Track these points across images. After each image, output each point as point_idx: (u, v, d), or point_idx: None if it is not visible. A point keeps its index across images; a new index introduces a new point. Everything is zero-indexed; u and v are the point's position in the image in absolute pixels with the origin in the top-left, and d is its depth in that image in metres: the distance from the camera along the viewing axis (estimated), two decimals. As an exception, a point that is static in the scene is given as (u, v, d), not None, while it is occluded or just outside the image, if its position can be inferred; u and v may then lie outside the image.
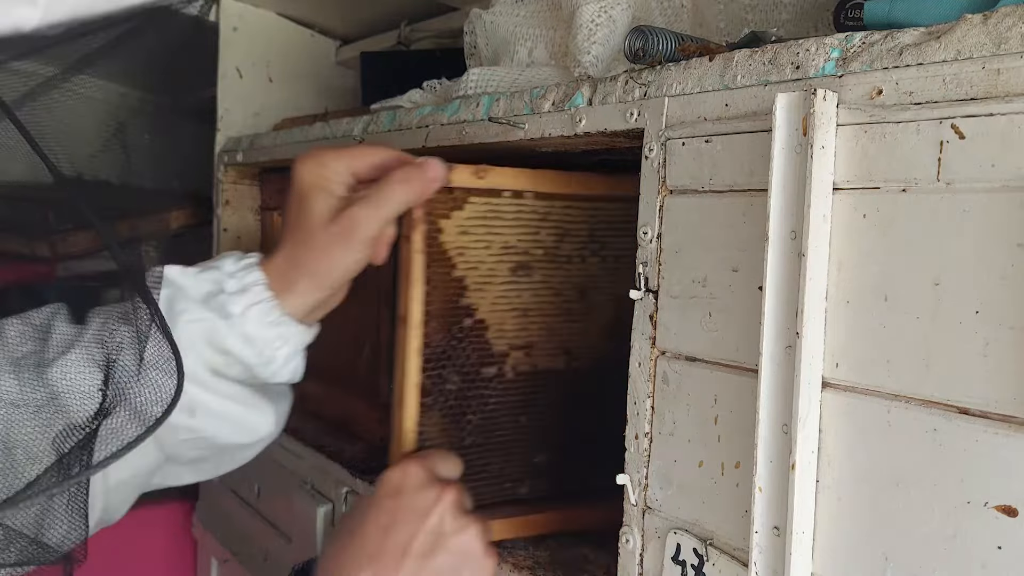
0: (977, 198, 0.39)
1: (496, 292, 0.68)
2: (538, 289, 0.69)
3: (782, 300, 0.45)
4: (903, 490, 0.42)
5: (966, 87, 0.39)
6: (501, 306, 0.68)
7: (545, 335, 0.70)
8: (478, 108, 0.70)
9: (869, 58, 0.43)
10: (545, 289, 0.70)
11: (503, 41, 0.82)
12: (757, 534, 0.46)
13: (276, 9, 1.27)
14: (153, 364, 0.57)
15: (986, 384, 0.39)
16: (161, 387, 0.57)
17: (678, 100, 0.54)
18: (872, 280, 0.43)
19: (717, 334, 0.51)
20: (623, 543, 0.56)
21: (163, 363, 0.57)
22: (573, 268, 0.70)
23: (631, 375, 0.56)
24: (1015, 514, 0.38)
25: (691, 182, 0.52)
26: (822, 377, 0.45)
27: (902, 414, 0.42)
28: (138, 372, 0.57)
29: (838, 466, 0.44)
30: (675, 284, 0.53)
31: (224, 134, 1.22)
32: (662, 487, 0.54)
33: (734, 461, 0.49)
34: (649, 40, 0.56)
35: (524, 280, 0.69)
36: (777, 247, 0.45)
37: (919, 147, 0.41)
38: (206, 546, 1.26)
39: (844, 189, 0.44)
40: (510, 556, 0.68)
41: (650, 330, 0.55)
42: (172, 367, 0.57)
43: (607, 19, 0.70)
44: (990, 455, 0.38)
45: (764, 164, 0.46)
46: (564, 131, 0.62)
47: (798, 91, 0.45)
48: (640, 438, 0.55)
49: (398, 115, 0.81)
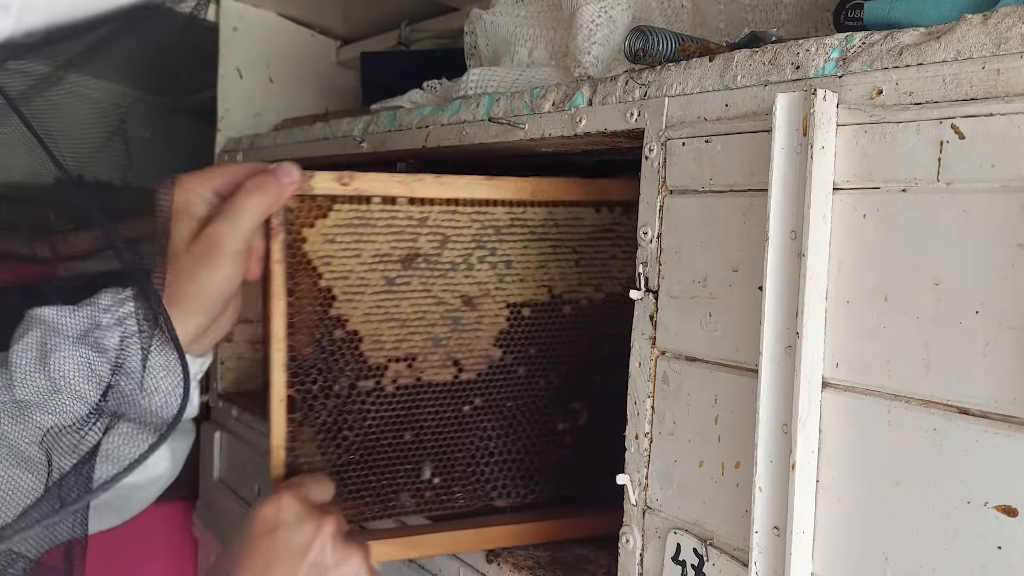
0: (977, 198, 0.39)
1: (370, 302, 0.64)
2: (418, 298, 0.66)
3: (782, 300, 0.45)
4: (903, 490, 0.42)
5: (966, 87, 0.39)
6: (376, 316, 0.65)
7: (429, 346, 0.67)
8: (478, 108, 0.70)
9: (869, 58, 0.43)
10: (427, 298, 0.66)
11: (503, 41, 0.82)
12: (757, 534, 0.46)
13: (276, 9, 1.27)
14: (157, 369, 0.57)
15: (986, 384, 0.39)
16: (167, 393, 0.56)
17: (678, 100, 0.54)
18: (872, 280, 0.43)
19: (717, 334, 0.51)
20: (623, 543, 0.56)
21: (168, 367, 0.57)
22: (459, 275, 0.67)
23: (631, 375, 0.56)
24: (1015, 514, 0.38)
25: (691, 182, 0.52)
26: (822, 377, 0.45)
27: (902, 414, 0.42)
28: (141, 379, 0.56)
29: (838, 466, 0.44)
30: (675, 284, 0.53)
31: (224, 134, 1.22)
32: (662, 487, 0.54)
33: (734, 461, 0.49)
34: (649, 40, 0.56)
35: (401, 289, 0.65)
36: (777, 247, 0.45)
37: (919, 147, 0.41)
38: (206, 545, 1.26)
39: (844, 189, 0.44)
40: (510, 556, 0.68)
41: (650, 330, 0.55)
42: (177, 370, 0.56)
43: (607, 19, 0.70)
44: (990, 455, 0.38)
45: (764, 164, 0.46)
46: (564, 131, 0.62)
47: (798, 91, 0.45)
48: (640, 438, 0.55)
49: (398, 115, 0.81)
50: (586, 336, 0.71)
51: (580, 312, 0.71)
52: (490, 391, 0.69)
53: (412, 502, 0.68)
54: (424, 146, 0.76)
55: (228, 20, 1.23)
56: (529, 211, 0.69)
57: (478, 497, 0.69)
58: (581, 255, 0.70)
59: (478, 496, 0.69)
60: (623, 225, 0.71)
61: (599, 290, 0.71)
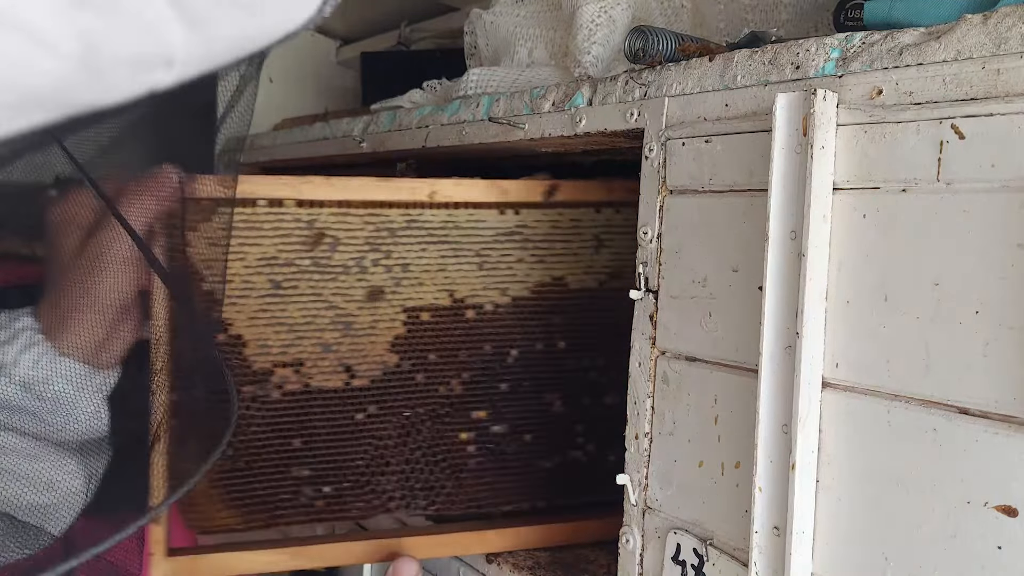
0: (977, 198, 0.39)
1: (255, 306, 0.63)
2: (307, 302, 0.64)
3: (782, 300, 0.45)
4: (903, 490, 0.42)
5: (966, 87, 0.39)
6: (262, 321, 0.63)
7: (319, 351, 0.65)
8: (478, 108, 0.70)
9: (869, 58, 0.43)
10: (316, 302, 0.64)
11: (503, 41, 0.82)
12: (757, 534, 0.46)
13: (276, 9, 1.27)
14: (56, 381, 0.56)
15: (986, 384, 0.39)
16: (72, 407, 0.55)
17: (678, 100, 0.54)
18: (872, 280, 0.43)
19: (717, 334, 0.51)
20: (623, 543, 0.56)
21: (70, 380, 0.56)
22: (351, 279, 0.65)
23: (631, 375, 0.56)
24: (1015, 514, 0.38)
25: (691, 182, 0.52)
26: (822, 377, 0.45)
27: (902, 414, 0.42)
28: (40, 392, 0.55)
29: (838, 466, 0.44)
30: (675, 284, 0.53)
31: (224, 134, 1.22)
32: (662, 487, 0.54)
33: (734, 461, 0.49)
34: (649, 40, 0.56)
35: (289, 293, 0.64)
36: (777, 247, 0.45)
37: (919, 147, 0.41)
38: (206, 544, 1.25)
39: (844, 189, 0.44)
40: (510, 556, 0.68)
41: (650, 330, 0.55)
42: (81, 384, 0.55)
43: (607, 19, 0.70)
44: (990, 455, 0.38)
45: (764, 164, 0.46)
46: (564, 131, 0.62)
47: (798, 91, 0.45)
48: (640, 438, 0.55)
49: (398, 115, 0.81)
50: (491, 342, 0.70)
51: (484, 317, 0.69)
52: (385, 399, 0.67)
53: (302, 511, 0.66)
54: (424, 146, 0.76)
55: (228, 20, 1.22)
56: (427, 213, 0.67)
57: (373, 507, 0.67)
58: (485, 258, 0.68)
59: (373, 506, 0.67)
60: (529, 227, 0.69)
61: (505, 294, 0.69)
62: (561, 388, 0.70)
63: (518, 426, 0.69)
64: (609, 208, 0.71)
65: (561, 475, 0.70)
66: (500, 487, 0.69)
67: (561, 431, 0.70)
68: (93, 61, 0.25)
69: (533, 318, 0.70)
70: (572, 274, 0.70)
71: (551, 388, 0.70)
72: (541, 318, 0.70)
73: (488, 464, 0.69)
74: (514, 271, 0.69)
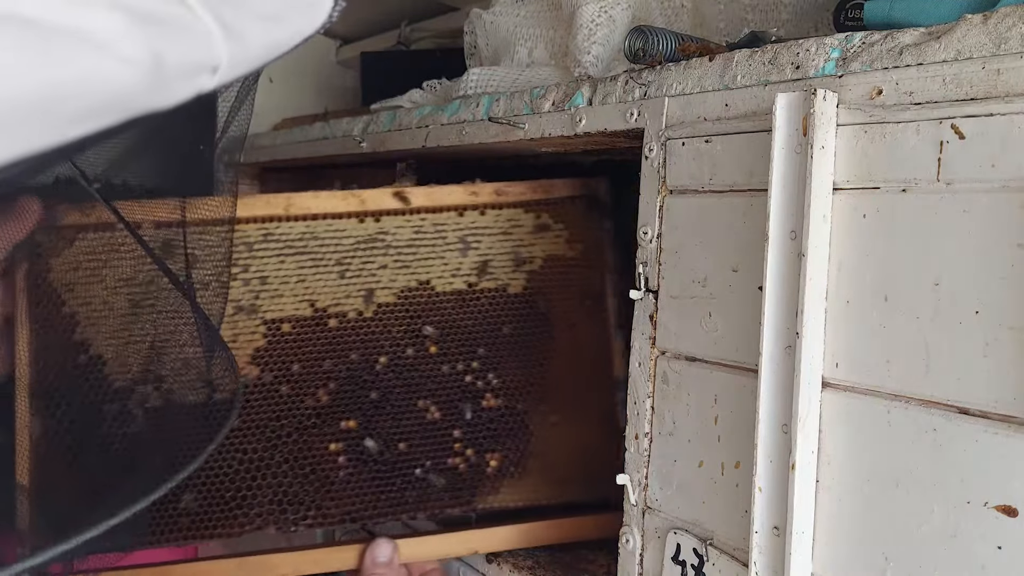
0: (977, 198, 0.39)
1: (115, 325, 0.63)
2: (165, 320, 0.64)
3: (782, 300, 0.45)
4: (903, 490, 0.42)
5: (966, 87, 0.39)
6: (121, 339, 0.63)
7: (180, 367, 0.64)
8: (478, 108, 0.70)
9: (869, 58, 0.43)
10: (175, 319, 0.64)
11: (503, 41, 0.82)
12: (757, 534, 0.46)
13: (276, 9, 1.27)
14: None
15: (986, 384, 0.39)
16: None
17: (678, 100, 0.54)
18: (872, 280, 0.43)
19: (717, 334, 0.51)
20: (623, 543, 0.56)
21: None
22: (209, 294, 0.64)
23: (631, 375, 0.56)
24: (1015, 514, 0.38)
25: (691, 182, 0.52)
26: (822, 377, 0.45)
27: (902, 414, 0.42)
28: None
29: (838, 466, 0.44)
30: (675, 284, 0.53)
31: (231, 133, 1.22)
32: (662, 487, 0.54)
33: (734, 461, 0.49)
34: (649, 40, 0.56)
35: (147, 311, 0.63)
36: (777, 247, 0.45)
37: (919, 147, 0.41)
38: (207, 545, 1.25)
39: (844, 189, 0.44)
40: (510, 556, 0.68)
41: (650, 330, 0.55)
42: None
43: (607, 19, 0.70)
44: (990, 455, 0.38)
45: (764, 164, 0.46)
46: (564, 131, 0.62)
47: (798, 91, 0.45)
48: (640, 438, 0.55)
49: (398, 115, 0.81)
50: (357, 350, 0.68)
51: (348, 325, 0.68)
52: (249, 412, 0.66)
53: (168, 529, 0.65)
54: (424, 146, 0.76)
55: (228, 20, 1.22)
56: (284, 226, 0.67)
57: (242, 524, 0.66)
58: (346, 267, 0.68)
59: (242, 523, 0.66)
60: (390, 234, 0.69)
61: (369, 301, 0.69)
62: (436, 394, 0.69)
63: (392, 435, 0.68)
64: (473, 211, 0.70)
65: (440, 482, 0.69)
66: (375, 497, 0.68)
67: (438, 438, 0.69)
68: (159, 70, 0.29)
69: (400, 324, 0.69)
70: (439, 277, 0.70)
71: (425, 395, 0.69)
72: (408, 323, 0.69)
73: (362, 475, 0.68)
74: (377, 277, 0.69)
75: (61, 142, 0.28)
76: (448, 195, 0.71)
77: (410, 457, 0.68)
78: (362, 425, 0.68)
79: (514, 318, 0.71)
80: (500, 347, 0.70)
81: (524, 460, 0.70)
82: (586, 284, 0.72)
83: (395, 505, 0.68)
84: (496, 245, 0.71)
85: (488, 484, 0.69)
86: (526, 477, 0.70)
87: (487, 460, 0.69)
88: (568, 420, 0.71)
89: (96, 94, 0.27)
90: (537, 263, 0.71)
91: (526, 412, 0.70)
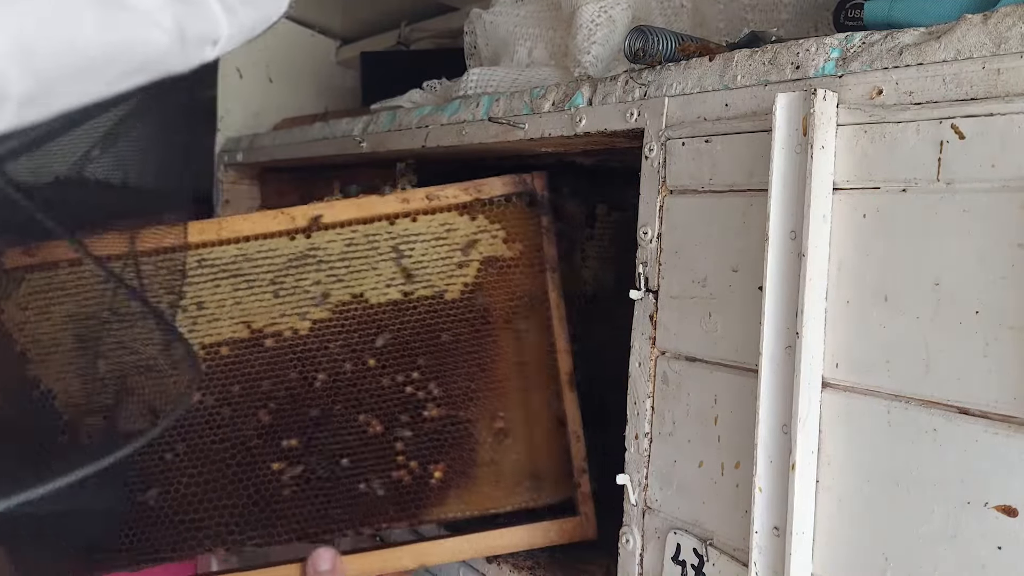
0: (977, 198, 0.39)
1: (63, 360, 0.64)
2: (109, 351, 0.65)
3: (782, 300, 0.45)
4: (903, 490, 0.42)
5: (966, 87, 0.39)
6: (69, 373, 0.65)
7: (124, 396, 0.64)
8: (478, 108, 0.70)
9: (869, 58, 0.43)
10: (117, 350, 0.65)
11: (503, 41, 0.82)
12: (757, 534, 0.46)
13: (276, 9, 1.27)
14: None
15: (986, 384, 0.39)
16: None
17: (678, 100, 0.54)
18: (872, 280, 0.43)
19: (717, 334, 0.51)
20: (623, 543, 0.56)
21: None
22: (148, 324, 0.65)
23: (631, 375, 0.56)
24: (1015, 514, 0.38)
25: (691, 182, 0.52)
26: (822, 377, 0.45)
27: (902, 414, 0.42)
28: None
29: (838, 466, 0.44)
30: (675, 284, 0.53)
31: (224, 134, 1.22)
32: (662, 487, 0.54)
33: (734, 461, 0.49)
34: (649, 40, 0.56)
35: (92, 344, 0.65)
36: (777, 247, 0.45)
37: (919, 147, 0.41)
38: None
39: (844, 189, 0.44)
40: (510, 556, 0.68)
41: (650, 330, 0.55)
42: None
43: (607, 19, 0.70)
44: (990, 455, 0.38)
45: (764, 164, 0.46)
46: (564, 131, 0.62)
47: (798, 91, 0.45)
48: (640, 438, 0.55)
49: (398, 115, 0.81)
50: (295, 368, 0.68)
51: (284, 344, 0.68)
52: (192, 435, 0.67)
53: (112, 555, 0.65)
54: (424, 146, 0.76)
55: (228, 20, 1.22)
56: (217, 250, 0.68)
57: (189, 546, 0.66)
58: (279, 285, 0.68)
59: (189, 545, 0.66)
60: (322, 249, 0.69)
61: (304, 318, 0.69)
62: (376, 408, 0.69)
63: (334, 451, 0.68)
64: (405, 218, 0.70)
65: (385, 495, 0.69)
66: (321, 514, 0.68)
67: (381, 452, 0.68)
68: (183, 38, 0.35)
69: (336, 339, 0.69)
70: (373, 289, 0.69)
71: (365, 409, 0.68)
72: (345, 338, 0.69)
73: (306, 492, 0.68)
74: (311, 294, 0.69)
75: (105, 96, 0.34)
76: (378, 204, 0.70)
77: (353, 472, 0.68)
78: (304, 443, 0.68)
79: (453, 324, 0.70)
80: (440, 355, 0.69)
81: (471, 469, 0.69)
82: (527, 284, 0.71)
83: (340, 521, 0.68)
84: (431, 251, 0.70)
85: (434, 495, 0.68)
86: (474, 486, 0.69)
87: (431, 472, 0.69)
88: (515, 425, 0.70)
89: (139, 56, 0.33)
90: (474, 266, 0.70)
91: (470, 420, 0.69)
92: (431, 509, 0.68)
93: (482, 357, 0.70)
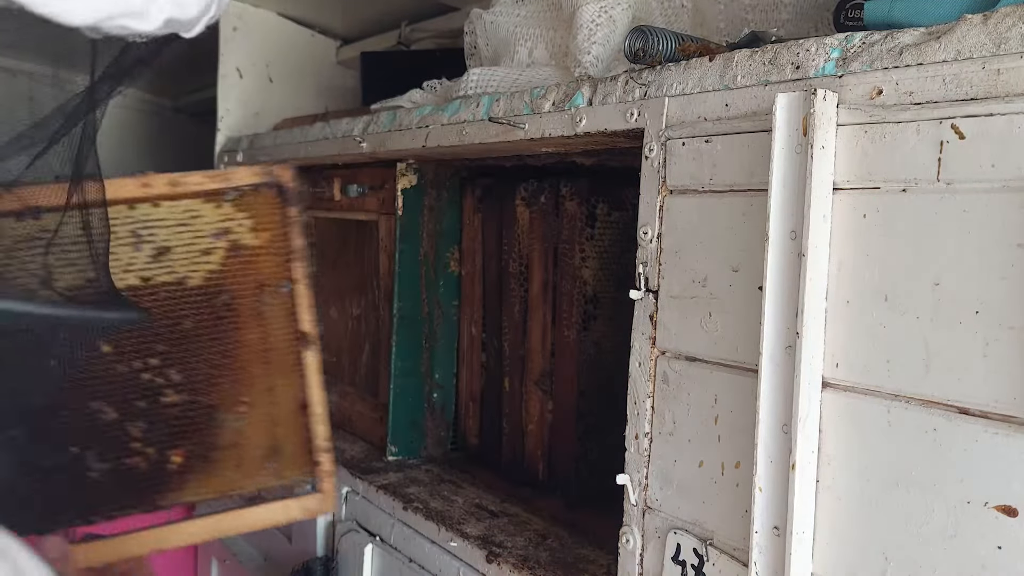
0: (977, 198, 0.39)
1: None
2: None
3: (782, 300, 0.45)
4: (903, 490, 0.42)
5: (966, 87, 0.39)
6: None
7: None
8: (478, 108, 0.70)
9: (869, 58, 0.43)
10: None
11: (503, 41, 0.82)
12: (757, 534, 0.46)
13: (276, 9, 1.27)
14: None
15: (986, 384, 0.39)
16: None
17: (678, 100, 0.54)
18: (872, 280, 0.43)
19: (717, 334, 0.51)
20: (623, 543, 0.56)
21: None
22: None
23: (631, 375, 0.56)
24: (1015, 514, 0.38)
25: (691, 182, 0.52)
26: (822, 377, 0.45)
27: (902, 414, 0.42)
28: None
29: (838, 466, 0.44)
30: (675, 284, 0.53)
31: (224, 134, 1.23)
32: (662, 487, 0.54)
33: (734, 461, 0.49)
34: (649, 40, 0.56)
35: None
36: (777, 247, 0.45)
37: (919, 147, 0.41)
38: (206, 546, 1.25)
39: (844, 189, 0.44)
40: (510, 556, 0.68)
41: (650, 330, 0.55)
42: None
43: (607, 19, 0.70)
44: (990, 455, 0.38)
45: (764, 164, 0.46)
46: (564, 131, 0.62)
47: (798, 91, 0.45)
48: (640, 438, 0.55)
49: (398, 115, 0.81)
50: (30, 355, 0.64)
51: None
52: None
53: None
54: (424, 146, 0.76)
55: (228, 20, 1.23)
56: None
57: None
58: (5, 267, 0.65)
59: None
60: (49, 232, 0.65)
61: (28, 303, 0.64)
62: (110, 395, 0.67)
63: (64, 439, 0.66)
64: (145, 203, 0.68)
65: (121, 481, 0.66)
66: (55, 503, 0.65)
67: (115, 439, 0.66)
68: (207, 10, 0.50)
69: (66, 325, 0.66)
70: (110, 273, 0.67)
71: (99, 396, 0.66)
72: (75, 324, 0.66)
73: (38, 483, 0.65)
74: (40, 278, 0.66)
75: None
76: (118, 188, 0.68)
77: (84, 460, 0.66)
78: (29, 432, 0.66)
79: (196, 311, 0.68)
80: (182, 342, 0.68)
81: (211, 453, 0.68)
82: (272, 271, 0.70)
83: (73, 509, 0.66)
84: (173, 237, 0.68)
85: (173, 480, 0.67)
86: (216, 470, 0.68)
87: (169, 457, 0.67)
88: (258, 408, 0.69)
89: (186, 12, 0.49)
90: (220, 254, 0.69)
91: (212, 405, 0.68)
92: (169, 494, 0.67)
93: (225, 343, 0.69)
